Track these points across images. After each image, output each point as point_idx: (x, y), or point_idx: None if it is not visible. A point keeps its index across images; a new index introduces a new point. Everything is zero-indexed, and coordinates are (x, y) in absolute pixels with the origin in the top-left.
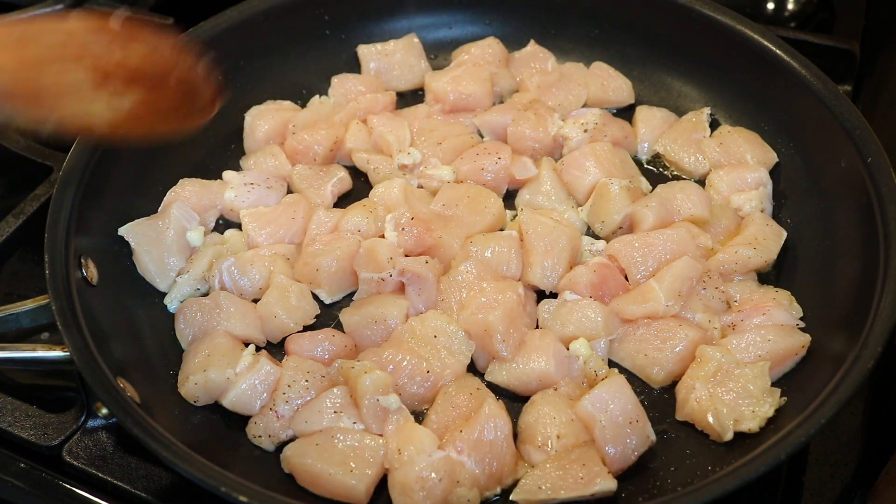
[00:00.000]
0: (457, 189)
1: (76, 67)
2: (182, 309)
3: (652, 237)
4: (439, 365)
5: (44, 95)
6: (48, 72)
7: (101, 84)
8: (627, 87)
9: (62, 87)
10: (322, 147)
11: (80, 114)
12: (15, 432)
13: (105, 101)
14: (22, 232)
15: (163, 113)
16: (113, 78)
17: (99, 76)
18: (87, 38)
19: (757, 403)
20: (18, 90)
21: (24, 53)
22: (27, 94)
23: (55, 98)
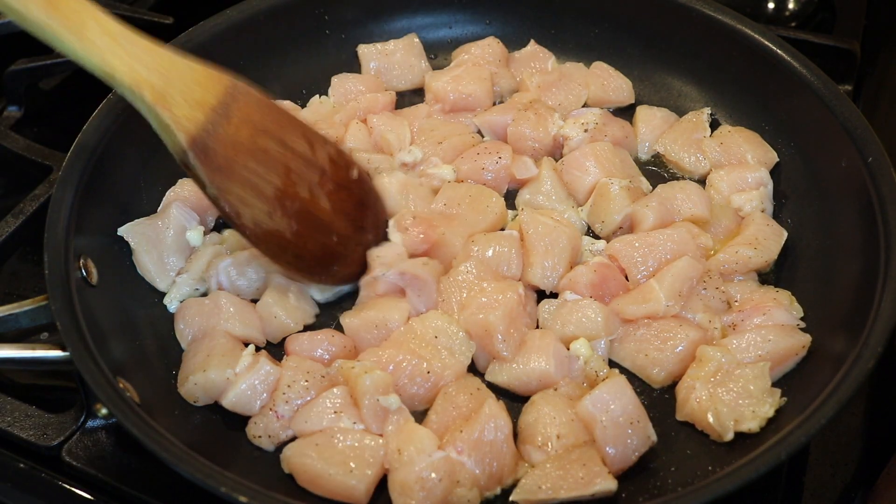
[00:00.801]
0: (458, 188)
1: (277, 174)
2: (182, 309)
3: (652, 237)
4: (439, 365)
5: (230, 171)
6: (252, 167)
7: (276, 199)
8: (627, 87)
9: (251, 175)
10: None
11: (237, 200)
12: (14, 432)
13: (270, 212)
14: (22, 232)
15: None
16: (290, 204)
17: (283, 195)
18: (321, 167)
19: (757, 403)
20: (224, 165)
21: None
22: (221, 163)
23: (234, 178)
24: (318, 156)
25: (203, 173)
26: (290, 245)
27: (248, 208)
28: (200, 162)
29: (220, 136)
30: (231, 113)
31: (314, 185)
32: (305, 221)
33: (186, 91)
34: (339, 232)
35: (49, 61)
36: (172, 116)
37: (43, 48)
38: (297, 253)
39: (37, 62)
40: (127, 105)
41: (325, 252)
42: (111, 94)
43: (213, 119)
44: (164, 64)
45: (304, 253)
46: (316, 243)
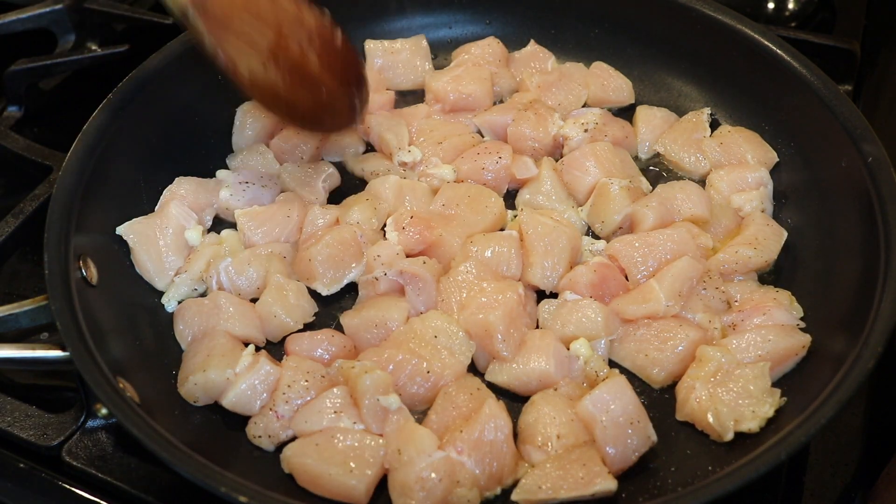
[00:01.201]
0: (457, 189)
1: (270, 28)
2: (181, 309)
3: (652, 237)
4: (439, 365)
5: (228, 23)
6: (247, 20)
7: (269, 51)
8: (627, 87)
9: (247, 28)
10: (309, 145)
11: (234, 49)
12: (15, 432)
13: (264, 64)
14: (22, 232)
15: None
16: (282, 56)
17: (276, 47)
18: (310, 26)
19: (757, 404)
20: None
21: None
22: (217, 16)
23: (231, 29)
24: (306, 18)
25: (201, 24)
26: (283, 96)
27: (245, 57)
28: (199, 15)
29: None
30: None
31: (304, 42)
32: (296, 75)
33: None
34: (327, 86)
35: (49, 61)
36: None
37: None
38: (289, 103)
39: (37, 62)
40: (127, 105)
41: (315, 103)
42: (111, 95)
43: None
44: None
45: (297, 103)
46: (307, 95)
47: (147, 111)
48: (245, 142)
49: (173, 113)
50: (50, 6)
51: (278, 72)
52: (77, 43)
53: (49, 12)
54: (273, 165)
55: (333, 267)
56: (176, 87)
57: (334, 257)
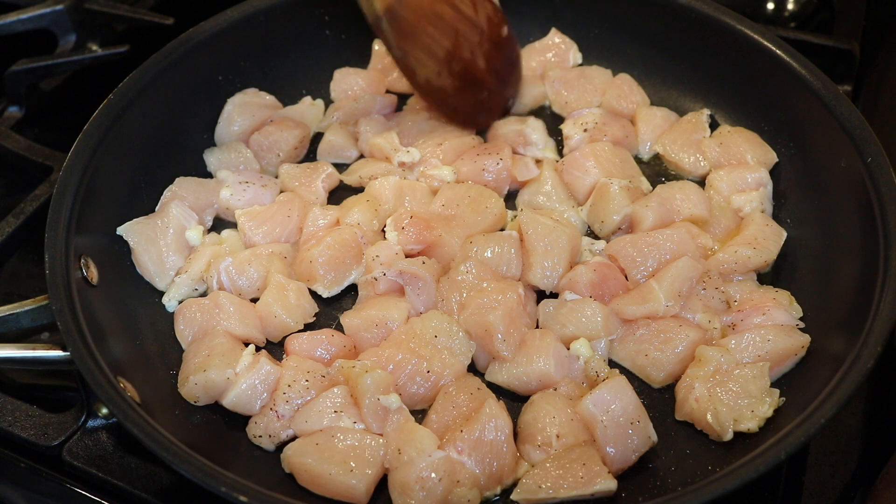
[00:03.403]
0: (457, 189)
1: (448, 37)
2: (181, 309)
3: (652, 237)
4: (440, 365)
5: (413, 35)
6: (430, 31)
7: (445, 60)
8: (644, 104)
9: (428, 39)
10: (288, 143)
11: (415, 61)
12: (15, 432)
13: (438, 72)
14: (22, 232)
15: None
16: (455, 64)
17: (451, 57)
18: (482, 28)
19: (756, 403)
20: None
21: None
22: (406, 28)
23: (415, 42)
24: (480, 16)
25: (392, 37)
26: (450, 99)
27: (423, 68)
28: (392, 27)
29: (408, 2)
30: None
31: (475, 45)
32: (465, 79)
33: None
34: (490, 87)
35: (50, 62)
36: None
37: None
38: (454, 105)
39: (37, 62)
40: (127, 105)
41: (475, 105)
42: (111, 95)
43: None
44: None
45: (460, 105)
46: (471, 98)
47: (147, 111)
48: (230, 136)
49: (173, 113)
50: (50, 6)
51: (450, 77)
52: (77, 43)
53: (49, 13)
54: (252, 164)
55: (335, 269)
56: (176, 88)
57: (335, 259)
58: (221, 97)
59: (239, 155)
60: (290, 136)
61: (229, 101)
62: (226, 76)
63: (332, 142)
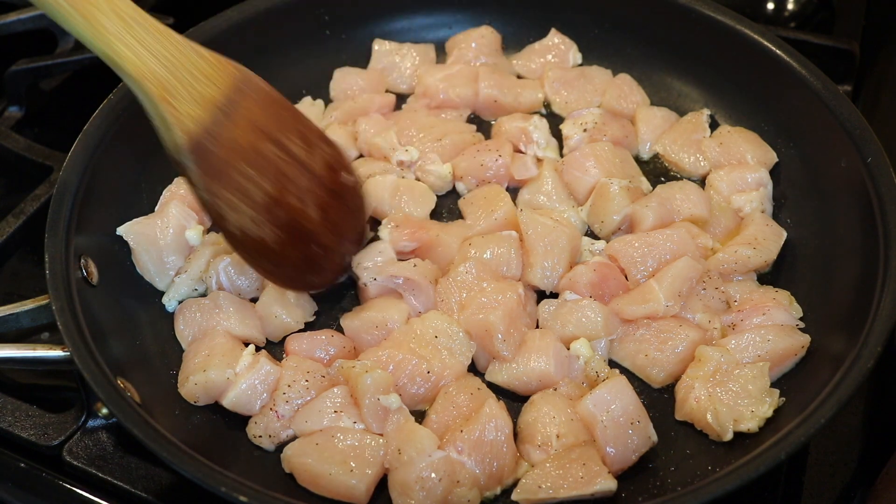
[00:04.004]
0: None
1: (271, 181)
2: (181, 309)
3: (652, 237)
4: (440, 365)
5: (224, 175)
6: (252, 164)
7: (265, 207)
8: (644, 104)
9: (244, 180)
10: None
11: (226, 205)
12: (15, 432)
13: (257, 220)
14: (22, 232)
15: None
16: (279, 212)
17: (274, 203)
18: (319, 174)
19: (756, 403)
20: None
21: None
22: (216, 165)
23: (226, 182)
24: (315, 160)
25: (197, 176)
26: (270, 253)
27: (236, 213)
28: (197, 164)
29: (221, 137)
30: (235, 111)
31: (305, 192)
32: (291, 231)
33: (193, 84)
34: (323, 242)
35: (50, 62)
36: (175, 114)
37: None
38: (276, 261)
39: (37, 62)
40: (127, 105)
41: (304, 261)
42: (111, 95)
43: (217, 118)
44: (173, 52)
45: (284, 261)
46: (297, 253)
47: None
48: None
49: None
50: None
51: (271, 227)
52: (78, 43)
53: None
54: None
55: None
56: None
57: None
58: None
59: None
60: None
61: None
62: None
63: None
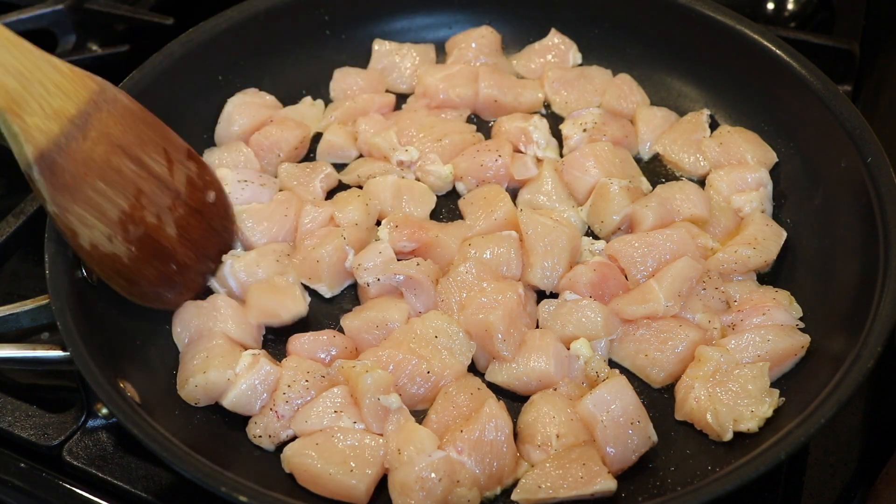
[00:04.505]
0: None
1: (125, 197)
2: (179, 311)
3: (652, 237)
4: (440, 365)
5: (75, 190)
6: (99, 188)
7: (119, 223)
8: (644, 104)
9: (97, 196)
10: (288, 144)
11: (77, 221)
12: (15, 432)
13: (110, 236)
14: (22, 232)
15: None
16: (133, 229)
17: (129, 219)
18: (176, 190)
19: (756, 403)
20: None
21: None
22: (67, 180)
23: (77, 197)
24: (176, 176)
25: (45, 190)
26: (125, 270)
27: (88, 230)
28: (45, 178)
29: (72, 151)
30: (90, 125)
31: (164, 209)
32: (147, 248)
33: (46, 97)
34: (181, 261)
35: None
36: (23, 125)
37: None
38: (131, 278)
39: None
40: None
41: (161, 280)
42: None
43: (69, 132)
44: (27, 64)
45: (139, 279)
46: (154, 271)
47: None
48: (229, 136)
49: (173, 113)
50: (50, 6)
51: (125, 244)
52: (78, 43)
53: (50, 13)
54: (252, 163)
55: (340, 270)
56: (175, 88)
57: (343, 261)
58: (221, 97)
59: (239, 154)
60: (291, 136)
61: (229, 102)
62: (226, 76)
63: (331, 141)
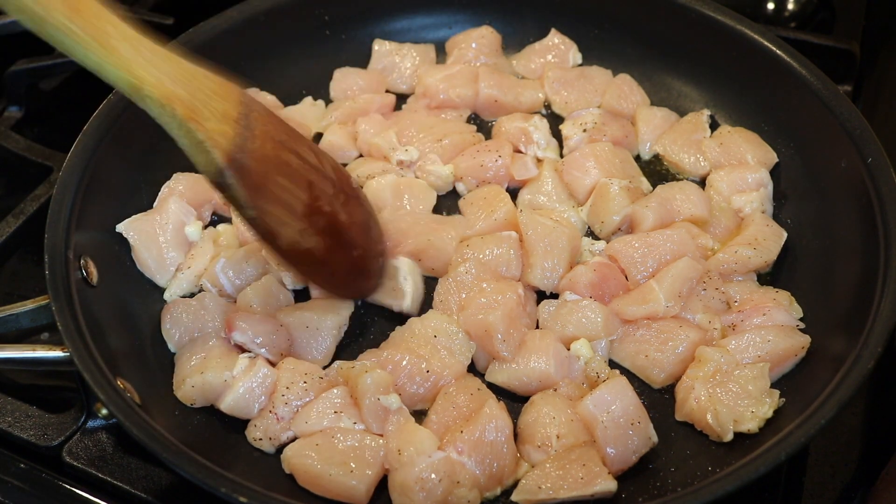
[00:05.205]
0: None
1: (303, 189)
2: (168, 309)
3: (652, 237)
4: (439, 365)
5: (265, 189)
6: (284, 174)
7: (306, 216)
8: (645, 104)
9: (283, 192)
10: None
11: (274, 220)
12: (15, 432)
13: (302, 231)
14: (22, 232)
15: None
16: (318, 219)
17: (311, 210)
18: (331, 178)
19: (756, 404)
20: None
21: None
22: (256, 180)
23: (268, 196)
24: (326, 166)
25: (241, 193)
26: (322, 263)
27: (285, 228)
28: (239, 181)
29: (250, 150)
30: (252, 124)
31: (331, 197)
32: (333, 237)
33: (209, 102)
34: (360, 244)
35: (50, 62)
36: (206, 132)
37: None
38: (330, 270)
39: (37, 63)
40: (127, 105)
41: (352, 267)
42: (111, 95)
43: (240, 132)
44: (184, 74)
45: (336, 269)
46: (344, 258)
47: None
48: None
49: None
50: None
51: (316, 236)
52: None
53: None
54: None
55: None
56: None
57: None
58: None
59: None
60: None
61: None
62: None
63: (331, 142)
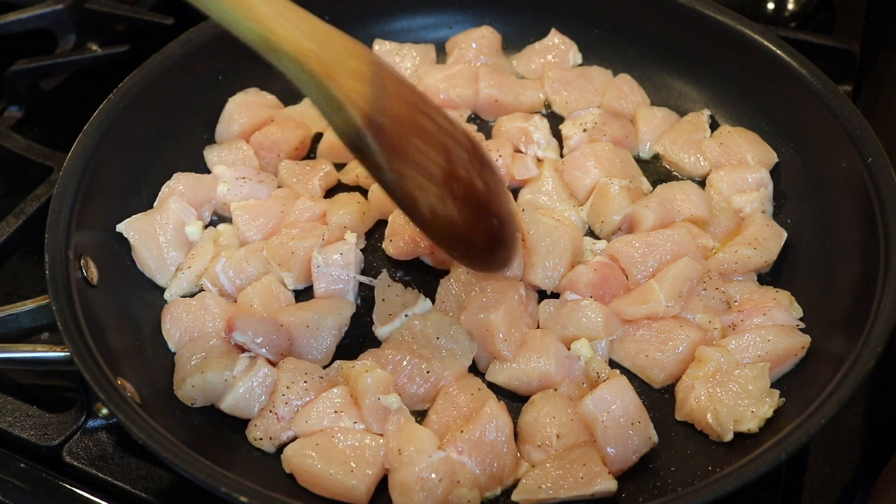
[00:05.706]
0: None
1: (440, 153)
2: (169, 308)
3: (653, 237)
4: (440, 365)
5: (403, 151)
6: (420, 136)
7: (444, 182)
8: (645, 104)
9: (420, 156)
10: (289, 143)
11: (413, 185)
12: (15, 432)
13: (442, 197)
14: (22, 232)
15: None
16: (455, 186)
17: (449, 176)
18: (465, 144)
19: (756, 404)
20: (396, 144)
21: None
22: (394, 142)
23: (407, 159)
24: (458, 131)
25: (381, 156)
26: (462, 232)
27: (424, 193)
28: (378, 142)
29: (386, 111)
30: (384, 84)
31: (467, 163)
32: (471, 204)
33: (343, 60)
34: (497, 213)
35: (50, 62)
36: (342, 90)
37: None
38: (468, 240)
39: (37, 62)
40: (127, 105)
41: (489, 236)
42: (111, 95)
43: (374, 91)
44: (317, 30)
45: (474, 239)
46: (482, 227)
47: (147, 111)
48: (230, 136)
49: (172, 111)
50: (50, 6)
51: (455, 203)
52: (78, 43)
53: (49, 12)
54: (252, 160)
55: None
56: (175, 87)
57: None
58: (221, 97)
59: (238, 151)
60: (291, 136)
61: (230, 101)
62: (226, 76)
63: (332, 142)
